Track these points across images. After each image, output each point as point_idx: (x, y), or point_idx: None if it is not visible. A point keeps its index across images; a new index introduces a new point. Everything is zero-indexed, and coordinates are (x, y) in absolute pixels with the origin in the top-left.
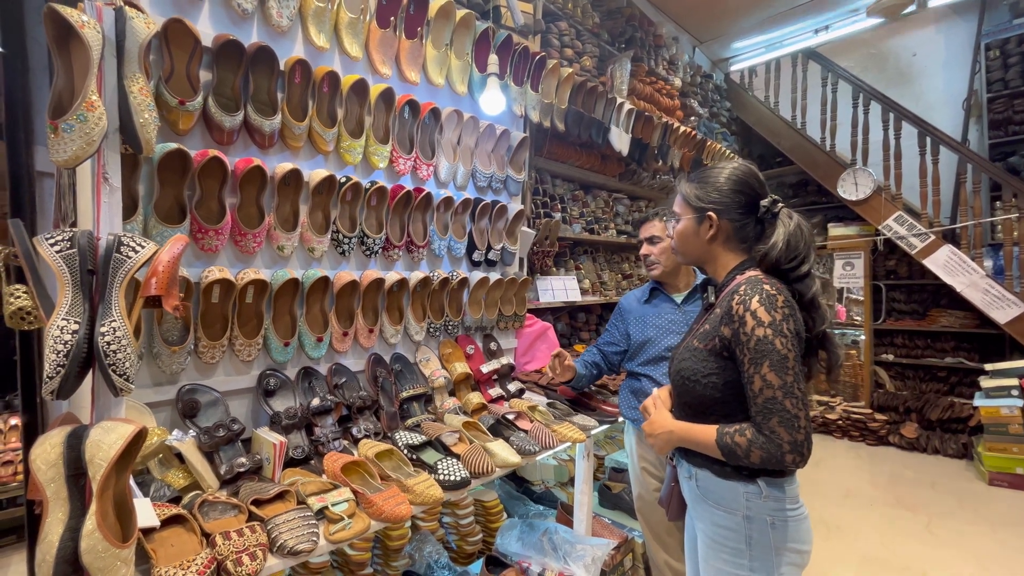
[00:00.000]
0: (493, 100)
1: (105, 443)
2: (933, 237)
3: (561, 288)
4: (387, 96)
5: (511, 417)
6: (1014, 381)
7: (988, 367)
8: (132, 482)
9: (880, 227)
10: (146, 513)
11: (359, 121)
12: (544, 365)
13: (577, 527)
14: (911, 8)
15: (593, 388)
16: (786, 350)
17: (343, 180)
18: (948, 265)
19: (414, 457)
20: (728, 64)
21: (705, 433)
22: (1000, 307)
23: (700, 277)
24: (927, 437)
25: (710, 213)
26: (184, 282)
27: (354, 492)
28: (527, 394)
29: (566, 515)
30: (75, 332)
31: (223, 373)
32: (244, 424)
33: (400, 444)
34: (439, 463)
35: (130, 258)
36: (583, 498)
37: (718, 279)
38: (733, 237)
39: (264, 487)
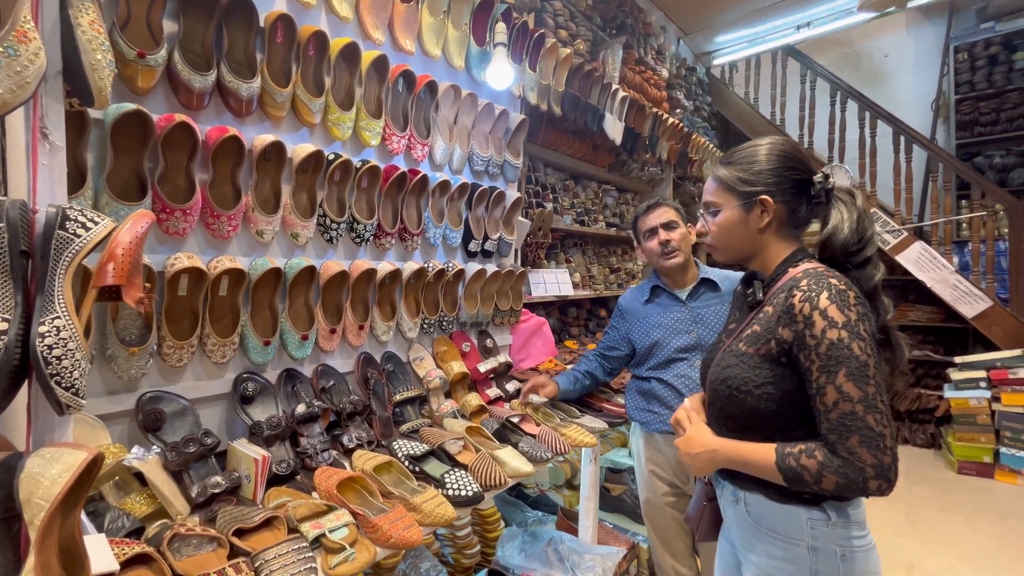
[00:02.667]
0: (501, 72)
1: (47, 477)
2: (906, 234)
3: (553, 282)
4: (380, 65)
5: (515, 420)
6: (982, 373)
7: (958, 360)
8: (83, 515)
9: None
10: (101, 555)
11: (348, 91)
12: (540, 362)
13: (583, 535)
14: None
15: None
16: (865, 356)
17: (331, 157)
18: (919, 261)
19: (416, 469)
20: (711, 58)
21: (760, 454)
22: (968, 302)
23: (704, 270)
24: (897, 428)
25: (763, 197)
26: (146, 271)
27: (353, 514)
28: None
29: (567, 521)
30: (3, 333)
31: (192, 378)
32: (218, 437)
33: (400, 455)
34: (446, 476)
35: (79, 237)
36: (589, 504)
37: (766, 273)
38: (786, 223)
39: (247, 512)
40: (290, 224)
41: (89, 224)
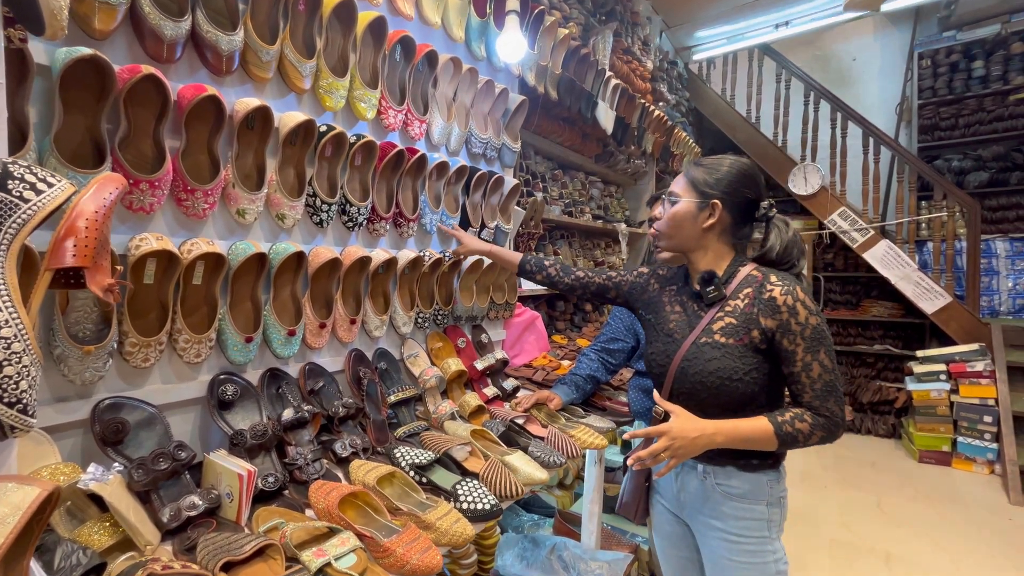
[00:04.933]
0: (512, 43)
1: None
2: (872, 232)
3: None
4: (377, 28)
5: (521, 422)
6: (942, 367)
7: (920, 353)
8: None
9: (825, 221)
10: None
11: (342, 56)
12: (533, 358)
13: (586, 540)
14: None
15: None
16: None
17: (323, 129)
18: (885, 259)
19: (423, 480)
20: (691, 53)
21: (759, 427)
22: (928, 299)
23: None
24: (860, 419)
25: (715, 201)
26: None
27: (359, 536)
28: (522, 392)
29: (565, 525)
30: None
31: (160, 380)
32: (193, 449)
33: (404, 464)
34: (459, 487)
35: (26, 202)
36: (594, 507)
37: (715, 271)
38: (728, 231)
39: (233, 540)
40: (276, 203)
41: (41, 186)
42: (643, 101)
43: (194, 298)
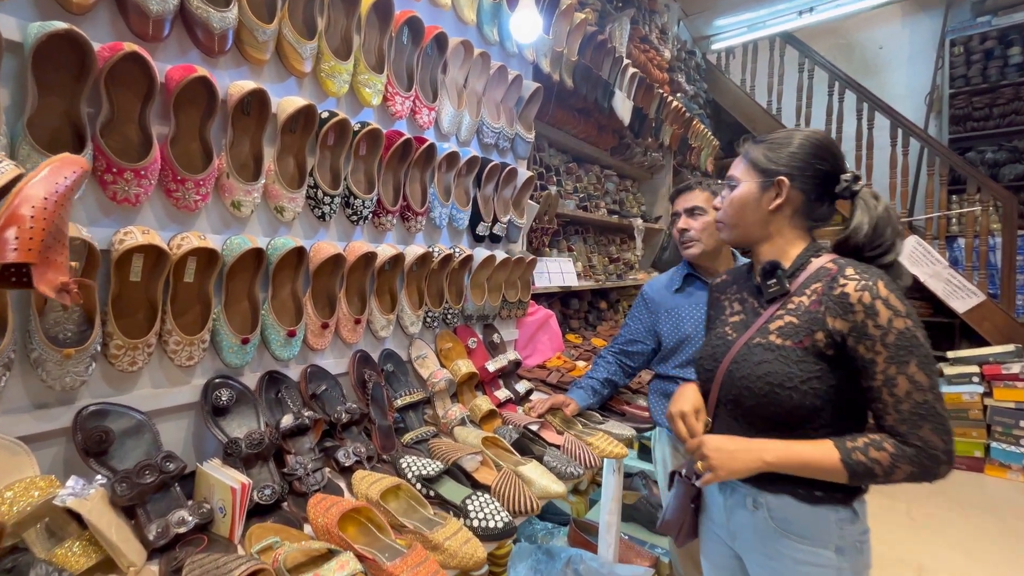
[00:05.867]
0: (527, 22)
1: None
2: (901, 227)
3: (557, 271)
4: (383, 8)
5: (535, 428)
6: (975, 368)
7: (950, 355)
8: None
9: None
10: None
11: (345, 37)
12: (547, 359)
13: (604, 552)
14: None
15: None
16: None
17: (325, 116)
18: (913, 255)
19: (431, 494)
20: (709, 42)
21: (820, 452)
22: (960, 297)
23: (740, 261)
24: None
25: (780, 178)
26: (85, 247)
27: (360, 558)
28: (536, 395)
29: (580, 534)
30: None
31: (150, 385)
32: (183, 460)
33: (410, 475)
34: (469, 502)
35: None
36: (612, 519)
37: (783, 261)
38: (800, 212)
39: (223, 562)
40: (274, 195)
41: None
42: (661, 91)
43: (186, 297)
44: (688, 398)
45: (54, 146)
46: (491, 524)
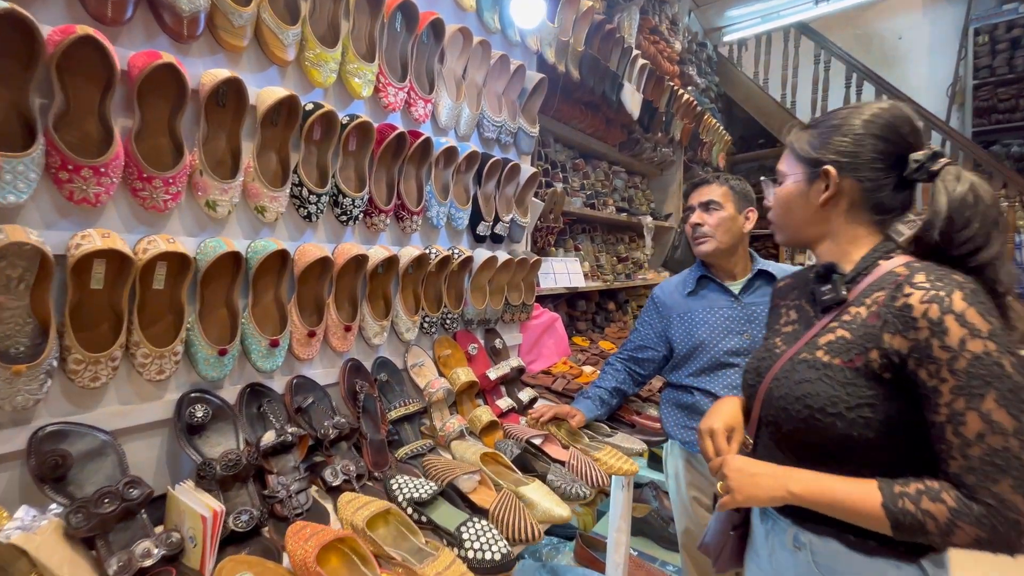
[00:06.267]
0: (530, 10)
1: None
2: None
3: (563, 272)
4: None
5: (538, 442)
6: None
7: None
8: None
9: None
10: None
11: (333, 23)
12: (552, 364)
13: (613, 572)
14: None
15: None
16: (1020, 376)
17: (310, 108)
18: None
19: (423, 519)
20: (721, 34)
21: (858, 491)
22: None
23: (759, 262)
24: None
25: (827, 167)
26: (36, 253)
27: None
28: (539, 402)
29: (587, 550)
30: None
31: (116, 401)
32: (150, 485)
33: (401, 499)
34: (464, 530)
35: None
36: (620, 536)
37: (845, 264)
38: (860, 204)
39: None
40: (254, 194)
41: None
42: (672, 84)
43: (155, 305)
44: (722, 414)
45: (1, 141)
46: (487, 556)
